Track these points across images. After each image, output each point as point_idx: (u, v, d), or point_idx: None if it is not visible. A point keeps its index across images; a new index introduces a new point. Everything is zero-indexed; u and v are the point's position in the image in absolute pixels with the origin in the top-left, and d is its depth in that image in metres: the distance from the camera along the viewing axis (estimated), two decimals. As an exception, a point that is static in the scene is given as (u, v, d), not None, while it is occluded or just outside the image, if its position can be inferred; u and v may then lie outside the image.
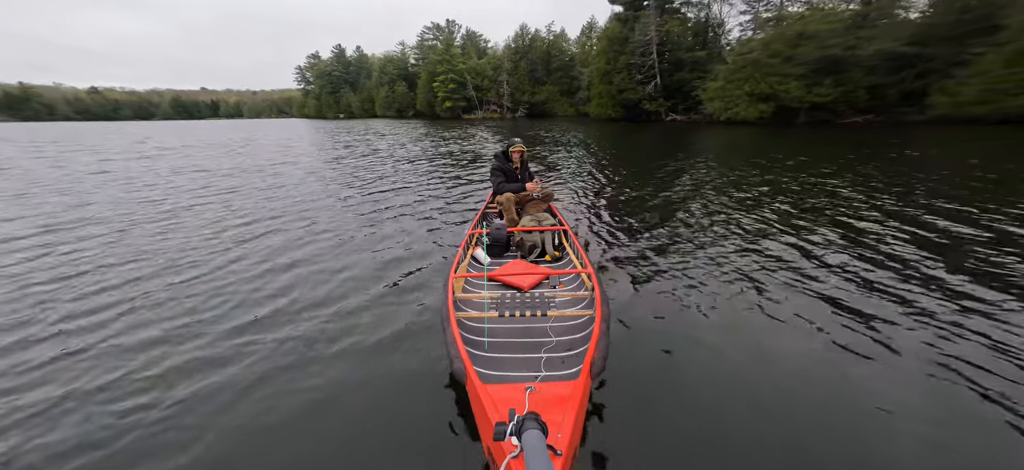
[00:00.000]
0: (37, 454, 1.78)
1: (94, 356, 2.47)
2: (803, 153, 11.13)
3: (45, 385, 2.24)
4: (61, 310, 3.06)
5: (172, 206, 6.42)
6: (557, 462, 1.14)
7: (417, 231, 4.88)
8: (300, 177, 9.22)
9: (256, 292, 3.25)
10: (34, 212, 6.11)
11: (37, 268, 3.90)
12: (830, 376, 2.16)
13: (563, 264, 3.34)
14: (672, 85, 31.64)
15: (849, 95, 22.27)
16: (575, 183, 7.82)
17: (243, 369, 2.28)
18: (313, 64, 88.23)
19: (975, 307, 2.77)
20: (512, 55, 54.36)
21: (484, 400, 1.42)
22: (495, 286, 2.84)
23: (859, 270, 3.42)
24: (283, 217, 5.65)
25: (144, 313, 2.98)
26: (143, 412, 1.98)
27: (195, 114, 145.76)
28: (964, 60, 18.49)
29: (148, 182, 8.76)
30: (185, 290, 3.34)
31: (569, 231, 3.69)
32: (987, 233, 4.20)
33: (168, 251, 4.30)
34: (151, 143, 21.41)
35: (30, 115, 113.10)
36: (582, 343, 2.03)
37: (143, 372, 2.28)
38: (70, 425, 1.93)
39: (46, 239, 4.80)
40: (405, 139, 20.43)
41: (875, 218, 4.88)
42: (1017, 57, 16.64)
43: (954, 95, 18.57)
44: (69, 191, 7.80)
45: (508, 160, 4.44)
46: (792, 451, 1.69)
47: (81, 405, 2.06)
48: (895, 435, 1.77)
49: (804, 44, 22.13)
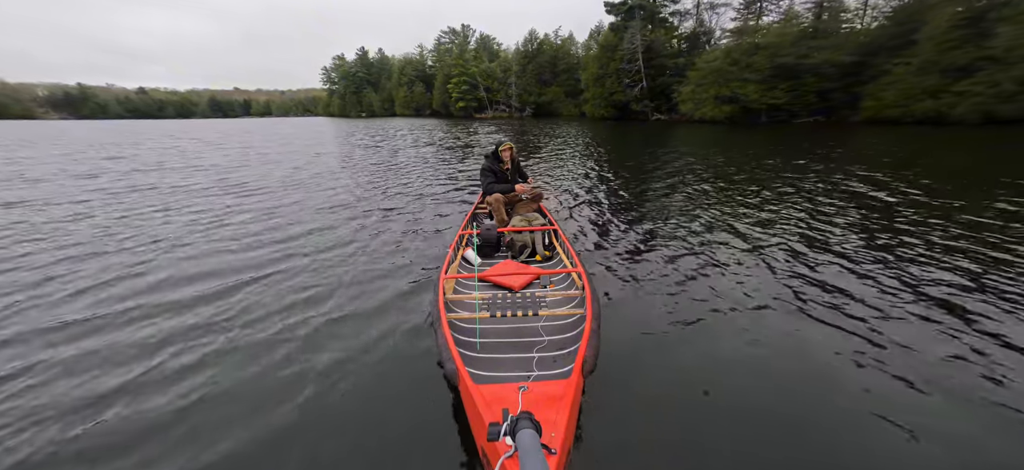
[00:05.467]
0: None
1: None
2: (762, 148, 12.68)
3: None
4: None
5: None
6: (552, 461, 1.15)
7: (415, 230, 4.88)
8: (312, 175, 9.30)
9: (243, 292, 3.22)
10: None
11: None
12: (823, 372, 2.18)
13: (553, 264, 3.37)
14: (657, 88, 35.20)
15: (801, 99, 25.43)
16: (565, 182, 7.95)
17: (227, 371, 2.26)
18: (338, 65, 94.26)
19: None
20: (521, 59, 58.33)
21: (477, 400, 1.43)
22: (486, 287, 2.85)
23: (851, 268, 3.45)
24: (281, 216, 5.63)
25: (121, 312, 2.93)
26: (124, 420, 1.93)
27: (230, 113, 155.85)
28: (887, 70, 21.61)
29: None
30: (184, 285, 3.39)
31: (559, 231, 3.71)
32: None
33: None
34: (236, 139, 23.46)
35: (87, 113, 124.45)
36: (574, 342, 2.05)
37: (124, 378, 2.22)
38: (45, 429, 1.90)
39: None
40: (422, 137, 20.94)
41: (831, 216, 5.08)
42: (924, 67, 19.75)
43: (879, 100, 21.71)
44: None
45: (498, 160, 4.42)
46: (784, 447, 1.71)
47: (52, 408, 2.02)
48: (895, 434, 1.76)
49: (758, 54, 25.47)
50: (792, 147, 12.61)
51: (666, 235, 4.51)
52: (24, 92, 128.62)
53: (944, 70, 18.88)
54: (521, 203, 4.33)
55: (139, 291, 3.32)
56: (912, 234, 4.30)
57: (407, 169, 9.98)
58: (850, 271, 3.40)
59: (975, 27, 18.32)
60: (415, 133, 24.16)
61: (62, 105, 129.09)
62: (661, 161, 10.38)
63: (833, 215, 5.14)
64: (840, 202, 5.78)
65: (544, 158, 11.71)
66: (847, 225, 4.70)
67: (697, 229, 4.68)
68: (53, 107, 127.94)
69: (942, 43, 19.14)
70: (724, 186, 7.06)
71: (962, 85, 18.06)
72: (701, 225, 4.83)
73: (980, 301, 2.88)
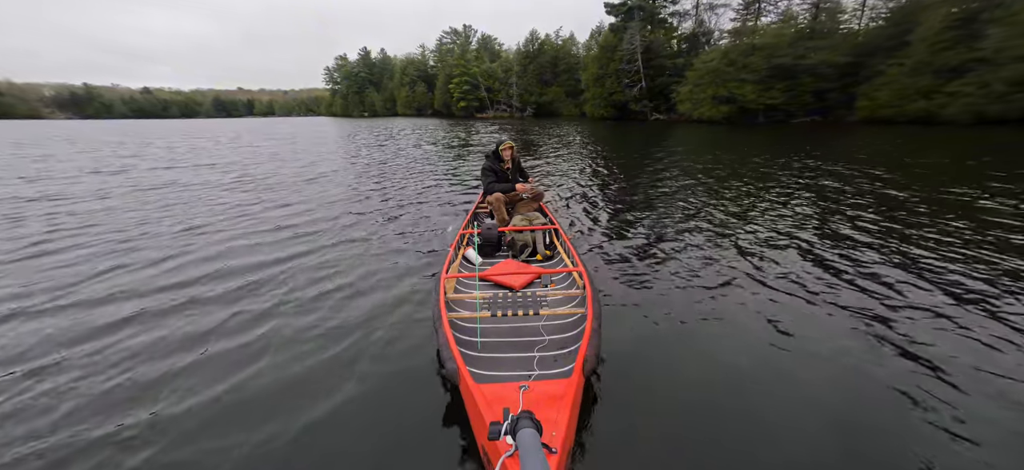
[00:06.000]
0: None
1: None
2: (760, 148, 12.76)
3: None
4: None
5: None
6: (552, 460, 1.15)
7: (416, 229, 4.91)
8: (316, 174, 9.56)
9: (242, 289, 3.27)
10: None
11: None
12: (825, 371, 2.17)
13: (554, 263, 3.38)
14: (656, 88, 35.53)
15: (798, 99, 25.73)
16: (566, 181, 7.99)
17: (228, 370, 2.28)
18: (341, 65, 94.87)
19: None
20: (522, 59, 58.70)
21: (478, 400, 1.44)
22: (487, 286, 2.87)
23: (851, 268, 3.46)
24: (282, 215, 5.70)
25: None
26: (123, 418, 1.95)
27: (233, 112, 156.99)
28: (882, 71, 21.91)
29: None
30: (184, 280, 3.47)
31: (560, 230, 3.71)
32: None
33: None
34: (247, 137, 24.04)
35: (91, 113, 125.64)
36: (574, 341, 2.06)
37: (123, 377, 2.24)
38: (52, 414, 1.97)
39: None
40: (425, 137, 21.22)
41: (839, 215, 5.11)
42: (917, 68, 20.05)
43: (873, 100, 22.01)
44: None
45: (499, 159, 4.43)
46: (785, 447, 1.72)
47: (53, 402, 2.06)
48: (896, 434, 1.76)
49: (755, 55, 25.79)
50: (789, 147, 12.79)
51: (667, 235, 4.52)
52: (31, 92, 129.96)
53: (936, 71, 19.19)
54: (522, 202, 4.35)
55: (137, 292, 3.31)
56: (906, 232, 4.35)
57: (408, 168, 10.17)
58: (850, 271, 3.41)
59: (967, 28, 18.61)
60: (417, 133, 24.57)
61: (68, 105, 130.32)
62: (661, 161, 10.50)
63: (832, 215, 5.15)
64: (840, 202, 5.77)
65: (544, 157, 11.89)
66: (847, 224, 4.72)
67: (698, 229, 4.71)
68: (59, 107, 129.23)
69: (935, 44, 19.44)
70: (724, 186, 7.10)
71: (953, 86, 18.37)
72: (702, 225, 4.86)
73: (981, 294, 2.92)
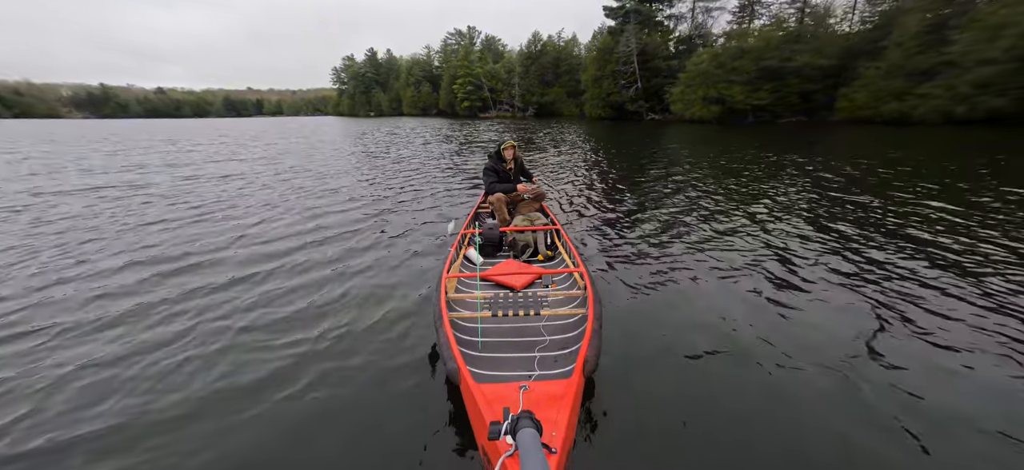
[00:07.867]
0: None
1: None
2: (749, 147, 13.26)
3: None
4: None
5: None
6: (552, 460, 1.16)
7: (417, 228, 4.94)
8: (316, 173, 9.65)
9: (241, 293, 3.24)
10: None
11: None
12: (826, 371, 2.17)
13: (555, 263, 3.39)
14: (651, 89, 36.72)
15: (784, 100, 26.80)
16: (567, 182, 8.04)
17: (228, 368, 2.29)
18: (348, 66, 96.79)
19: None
20: (524, 60, 60.00)
21: (478, 399, 1.45)
22: (488, 286, 2.87)
23: (852, 268, 3.48)
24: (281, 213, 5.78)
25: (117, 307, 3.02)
26: (126, 418, 1.96)
27: (243, 112, 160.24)
28: (862, 73, 22.97)
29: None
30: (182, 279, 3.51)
31: (561, 230, 3.72)
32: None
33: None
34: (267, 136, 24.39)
35: (107, 113, 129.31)
36: (575, 341, 2.07)
37: (124, 374, 2.25)
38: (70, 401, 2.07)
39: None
40: (430, 136, 21.66)
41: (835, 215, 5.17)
42: (891, 71, 21.11)
43: (851, 101, 23.09)
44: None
45: (501, 159, 4.45)
46: (785, 446, 1.72)
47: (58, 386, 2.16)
48: (896, 435, 1.77)
49: (743, 57, 26.92)
50: (777, 145, 13.44)
51: (668, 235, 4.56)
52: (49, 92, 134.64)
53: (908, 74, 20.24)
54: (523, 202, 4.38)
55: (133, 290, 3.35)
56: (909, 232, 4.44)
57: (410, 168, 10.36)
58: (851, 271, 3.46)
59: (937, 33, 19.65)
60: (422, 132, 25.76)
61: (84, 105, 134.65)
62: (658, 160, 10.80)
63: (832, 214, 5.24)
64: (838, 201, 5.91)
65: (543, 157, 12.16)
66: (847, 224, 4.80)
67: (698, 229, 4.76)
68: (76, 106, 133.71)
69: (908, 48, 20.48)
70: (722, 186, 7.27)
71: (924, 88, 19.43)
72: (702, 225, 4.91)
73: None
